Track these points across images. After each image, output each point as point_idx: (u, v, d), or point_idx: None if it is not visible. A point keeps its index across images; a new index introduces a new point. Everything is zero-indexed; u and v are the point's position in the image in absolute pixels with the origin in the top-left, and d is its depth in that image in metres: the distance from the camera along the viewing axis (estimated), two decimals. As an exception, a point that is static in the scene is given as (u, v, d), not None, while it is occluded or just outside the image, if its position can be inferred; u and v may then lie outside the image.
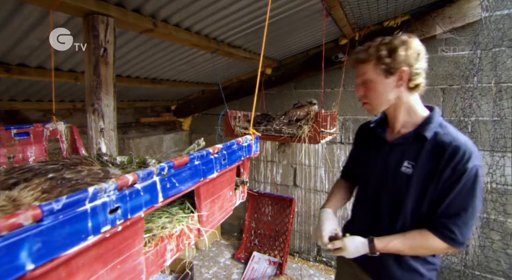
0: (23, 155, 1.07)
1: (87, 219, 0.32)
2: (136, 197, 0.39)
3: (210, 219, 0.63)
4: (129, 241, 0.41)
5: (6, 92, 1.96)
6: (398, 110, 1.01)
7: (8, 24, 1.23)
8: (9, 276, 0.25)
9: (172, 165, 0.45)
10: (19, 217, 0.26)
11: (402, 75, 0.95)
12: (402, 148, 0.98)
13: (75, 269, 0.33)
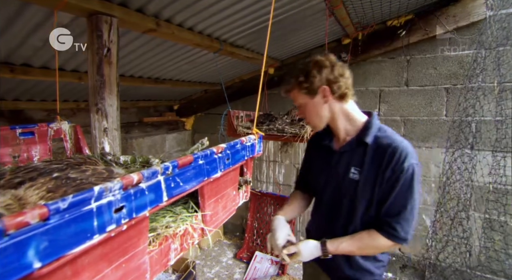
0: (28, 154, 1.08)
1: (92, 218, 0.32)
2: (141, 196, 0.39)
3: (214, 219, 0.63)
4: (134, 240, 0.41)
5: (11, 92, 1.97)
6: (337, 121, 1.07)
7: (13, 25, 1.24)
8: (17, 274, 0.25)
9: (176, 164, 0.45)
10: (26, 215, 0.26)
11: (324, 93, 1.03)
12: (348, 155, 1.04)
13: (80, 267, 0.33)
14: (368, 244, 0.99)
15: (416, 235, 2.49)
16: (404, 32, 2.17)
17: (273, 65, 2.78)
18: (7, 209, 0.51)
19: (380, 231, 0.97)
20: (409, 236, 0.96)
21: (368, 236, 0.99)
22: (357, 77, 2.58)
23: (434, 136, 2.35)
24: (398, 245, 0.99)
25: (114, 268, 0.38)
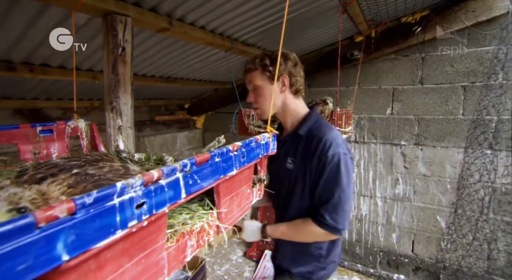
0: (47, 151, 1.11)
1: (115, 213, 0.33)
2: (161, 193, 0.39)
3: (229, 216, 0.63)
4: (153, 236, 0.41)
5: (30, 91, 2.04)
6: (286, 113, 1.13)
7: (34, 26, 1.28)
8: (47, 265, 0.26)
9: (194, 161, 0.45)
10: (55, 209, 0.26)
11: (284, 81, 1.09)
12: (287, 146, 1.11)
13: (103, 261, 0.34)
14: (302, 230, 1.04)
15: (430, 237, 2.44)
16: (419, 28, 2.12)
17: (284, 64, 2.76)
18: (32, 203, 0.52)
19: (313, 218, 1.01)
20: (339, 225, 0.98)
21: (302, 223, 1.04)
22: (370, 75, 2.53)
23: (450, 135, 2.28)
24: (331, 234, 1.01)
25: (135, 263, 0.39)
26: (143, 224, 0.37)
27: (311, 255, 1.11)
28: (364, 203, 2.71)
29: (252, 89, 1.12)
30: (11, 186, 0.60)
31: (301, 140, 1.06)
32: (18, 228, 0.24)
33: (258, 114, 1.15)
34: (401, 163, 2.50)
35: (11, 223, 0.23)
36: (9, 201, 0.52)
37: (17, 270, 0.24)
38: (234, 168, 0.59)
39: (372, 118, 2.60)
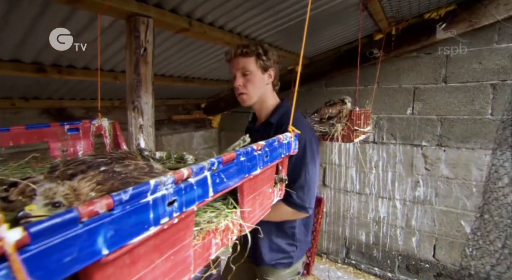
0: (74, 148, 1.16)
1: (149, 210, 0.33)
2: (190, 191, 0.40)
3: (251, 215, 0.63)
4: (181, 233, 0.42)
5: (57, 91, 2.13)
6: (263, 104, 1.22)
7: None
8: (89, 259, 0.27)
9: (221, 160, 0.46)
10: (95, 205, 0.27)
11: (271, 74, 1.19)
12: (260, 133, 1.18)
13: (136, 257, 0.35)
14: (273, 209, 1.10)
15: (453, 242, 2.34)
16: (444, 24, 2.03)
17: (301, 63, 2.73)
18: (66, 198, 0.55)
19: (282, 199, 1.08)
20: (305, 203, 1.07)
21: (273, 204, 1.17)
22: (389, 74, 2.46)
23: (476, 136, 2.18)
24: (299, 213, 1.09)
25: (164, 260, 0.39)
26: (173, 221, 0.37)
27: (285, 234, 1.20)
28: (382, 205, 2.64)
29: (242, 74, 1.16)
30: (45, 181, 0.63)
31: (272, 127, 1.16)
32: (65, 221, 0.24)
33: (244, 100, 1.19)
34: (422, 165, 2.42)
35: (59, 216, 0.24)
36: (45, 196, 0.54)
37: (64, 261, 0.24)
38: (258, 167, 0.59)
39: (392, 118, 2.53)
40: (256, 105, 1.23)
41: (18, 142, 0.99)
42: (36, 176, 0.70)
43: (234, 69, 1.18)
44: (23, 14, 1.16)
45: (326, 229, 2.99)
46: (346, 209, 2.85)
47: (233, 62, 1.18)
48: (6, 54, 1.46)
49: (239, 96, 1.20)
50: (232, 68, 1.20)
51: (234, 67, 1.18)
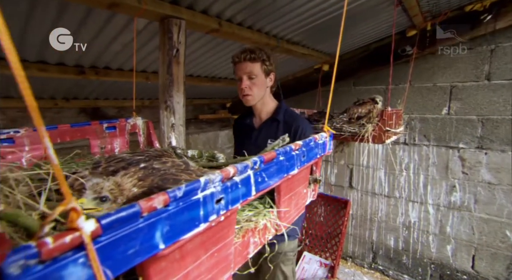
0: (111, 146, 1.22)
1: (199, 207, 0.34)
2: (235, 189, 0.40)
3: (287, 215, 0.63)
4: (225, 231, 0.42)
5: (93, 92, 2.26)
6: (264, 104, 1.37)
7: (102, 33, 1.41)
8: (148, 252, 0.28)
9: (263, 159, 0.46)
10: (154, 201, 0.28)
11: (272, 78, 1.35)
12: (265, 130, 1.34)
13: (185, 252, 0.36)
14: None
15: (496, 254, 2.17)
16: (489, 16, 1.88)
17: (328, 61, 2.68)
18: (111, 193, 0.57)
19: None
20: None
21: None
22: (423, 72, 2.34)
23: (524, 139, 2.00)
24: None
25: (209, 256, 0.40)
26: (220, 219, 0.38)
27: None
28: (413, 209, 2.51)
29: (249, 77, 1.29)
30: (92, 177, 0.66)
31: (279, 124, 1.31)
32: (129, 215, 0.25)
33: (248, 100, 1.32)
34: (458, 168, 2.26)
35: (125, 210, 0.25)
36: (93, 190, 0.57)
37: (128, 253, 0.25)
38: (296, 167, 0.58)
39: (425, 119, 2.40)
40: (258, 105, 1.37)
41: (64, 139, 1.06)
42: (82, 171, 0.74)
43: (241, 72, 1.30)
44: (69, 20, 1.24)
45: (352, 232, 2.91)
46: (373, 212, 2.75)
47: (240, 66, 1.30)
48: (53, 58, 1.57)
49: (244, 97, 1.32)
50: (238, 70, 1.31)
51: (241, 70, 1.29)
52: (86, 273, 0.22)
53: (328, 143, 0.76)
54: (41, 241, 0.20)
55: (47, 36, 1.35)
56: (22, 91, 0.20)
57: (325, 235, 2.91)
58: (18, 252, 0.19)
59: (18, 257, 0.18)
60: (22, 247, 0.19)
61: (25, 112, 2.17)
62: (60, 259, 0.21)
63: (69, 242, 0.21)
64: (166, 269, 0.33)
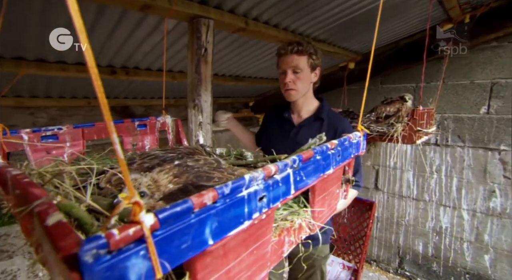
0: (142, 143, 1.26)
1: (244, 204, 0.34)
2: (276, 187, 0.39)
3: (321, 215, 0.62)
4: (264, 229, 0.42)
5: (123, 91, 2.36)
6: (305, 100, 1.31)
7: (133, 34, 1.46)
8: (199, 248, 0.28)
9: (301, 158, 0.45)
10: (204, 197, 0.28)
11: (317, 73, 1.29)
12: (307, 128, 1.27)
13: (228, 249, 0.36)
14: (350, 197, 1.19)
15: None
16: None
17: (354, 59, 2.60)
18: (149, 189, 0.59)
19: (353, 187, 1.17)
20: (362, 184, 1.24)
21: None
22: (459, 68, 2.20)
23: None
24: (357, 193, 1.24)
25: (249, 254, 0.40)
26: (262, 217, 0.38)
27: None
28: (444, 214, 2.38)
29: (293, 71, 1.22)
30: (133, 172, 0.69)
31: (323, 124, 1.25)
32: (183, 210, 0.26)
33: (291, 95, 1.26)
34: (499, 172, 2.11)
35: (179, 205, 0.26)
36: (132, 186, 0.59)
37: (182, 248, 0.26)
38: (331, 167, 0.57)
39: (459, 118, 2.26)
40: (299, 101, 1.30)
41: (100, 136, 1.12)
42: (118, 167, 0.77)
43: (286, 65, 1.23)
44: (105, 23, 1.30)
45: (377, 235, 2.81)
46: (400, 216, 2.64)
47: (285, 58, 1.23)
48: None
49: (286, 91, 1.26)
50: (283, 63, 1.24)
51: (286, 63, 1.23)
52: (146, 265, 0.23)
53: (362, 142, 0.73)
54: (109, 232, 0.21)
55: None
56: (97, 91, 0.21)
57: (349, 237, 2.84)
58: (91, 242, 0.19)
59: (91, 246, 0.19)
60: (94, 237, 0.20)
61: (63, 111, 2.31)
62: (124, 250, 0.21)
63: (132, 234, 0.22)
64: (211, 265, 0.33)
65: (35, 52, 1.45)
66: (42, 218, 0.28)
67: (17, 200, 0.41)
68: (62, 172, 0.59)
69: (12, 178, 0.43)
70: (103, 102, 0.22)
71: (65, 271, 0.21)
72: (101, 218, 0.54)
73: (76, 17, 0.19)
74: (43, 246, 0.31)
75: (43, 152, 0.99)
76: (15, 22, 1.14)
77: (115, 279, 0.21)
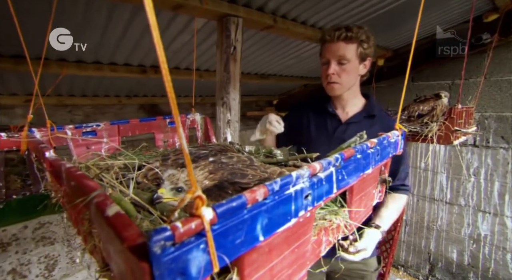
0: (172, 140, 1.30)
1: (291, 202, 0.33)
2: (320, 186, 0.39)
3: (357, 216, 0.60)
4: (305, 227, 0.42)
5: (151, 89, 2.44)
6: (352, 94, 1.14)
7: (164, 34, 1.51)
8: (250, 244, 0.28)
9: (344, 156, 0.44)
10: (256, 193, 0.28)
11: (367, 64, 1.09)
12: (356, 125, 1.11)
13: (272, 246, 0.36)
14: (399, 204, 1.10)
15: None
16: None
17: (383, 56, 2.50)
18: (186, 184, 0.61)
19: (398, 191, 1.10)
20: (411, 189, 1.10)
21: (394, 199, 1.08)
22: (504, 63, 2.03)
23: None
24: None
25: (291, 251, 0.40)
26: (306, 215, 0.37)
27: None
28: (483, 220, 2.22)
29: (339, 62, 1.04)
30: (165, 168, 0.71)
31: (376, 122, 1.11)
32: (238, 205, 0.26)
33: (334, 89, 1.09)
34: (546, 176, 1.93)
35: (234, 200, 0.26)
36: (171, 181, 0.61)
37: (236, 243, 0.26)
38: (371, 166, 0.55)
39: (503, 117, 2.09)
40: (344, 96, 1.13)
41: (134, 132, 1.17)
42: (154, 163, 0.80)
43: (330, 54, 1.05)
44: (139, 23, 1.35)
45: (405, 239, 2.69)
46: (431, 220, 2.50)
47: (330, 46, 1.04)
48: (121, 59, 1.73)
49: (328, 84, 1.09)
50: (326, 52, 1.06)
51: (331, 52, 1.04)
52: (205, 259, 0.23)
53: (400, 142, 0.70)
54: (174, 225, 0.21)
55: (120, 40, 1.50)
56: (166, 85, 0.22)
57: (375, 240, 2.74)
58: (159, 233, 0.20)
59: (160, 238, 0.20)
60: (161, 229, 0.20)
61: (96, 108, 2.44)
62: (186, 243, 0.22)
63: (194, 228, 0.22)
64: (257, 261, 0.33)
65: (75, 54, 1.54)
66: (101, 209, 0.30)
67: (72, 191, 0.43)
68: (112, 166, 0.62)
69: (66, 171, 0.46)
70: (172, 97, 0.23)
71: (132, 261, 0.22)
72: (141, 211, 0.56)
73: (154, 31, 0.20)
74: (101, 235, 0.33)
75: (84, 147, 1.05)
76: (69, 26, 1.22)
77: (178, 271, 0.21)
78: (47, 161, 0.62)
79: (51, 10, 0.81)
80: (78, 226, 0.56)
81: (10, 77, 1.63)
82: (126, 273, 0.24)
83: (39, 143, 0.70)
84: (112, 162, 0.67)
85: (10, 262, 1.60)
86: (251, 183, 0.60)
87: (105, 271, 0.44)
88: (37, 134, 0.94)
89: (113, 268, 0.31)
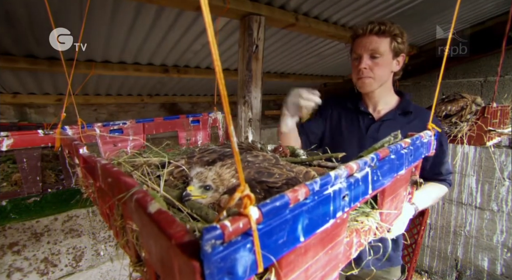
0: (195, 138, 1.32)
1: (330, 202, 0.33)
2: (357, 186, 0.38)
3: (387, 218, 0.58)
4: (339, 229, 0.40)
5: (172, 88, 2.49)
6: (384, 91, 1.09)
7: (186, 35, 1.53)
8: (292, 244, 0.28)
9: (379, 157, 0.42)
10: (298, 192, 0.28)
11: (400, 61, 1.05)
12: (390, 123, 1.06)
13: (308, 247, 0.35)
14: (438, 192, 1.07)
15: None
16: None
17: (408, 53, 2.40)
18: (213, 182, 0.61)
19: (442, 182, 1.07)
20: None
21: (433, 185, 1.06)
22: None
23: None
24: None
25: (325, 253, 0.39)
26: (343, 216, 0.36)
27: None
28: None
29: (371, 56, 1.00)
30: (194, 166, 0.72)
31: (411, 116, 1.07)
32: (282, 205, 0.26)
33: (365, 84, 1.04)
34: None
35: (278, 200, 0.26)
36: (199, 179, 0.62)
37: (278, 243, 0.26)
38: (404, 167, 0.53)
39: (539, 117, 1.95)
40: (377, 92, 1.08)
41: (158, 130, 1.20)
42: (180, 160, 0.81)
43: (362, 49, 1.01)
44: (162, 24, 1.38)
45: (430, 243, 2.59)
46: (459, 225, 2.39)
47: (362, 40, 1.01)
48: (144, 59, 1.78)
49: (359, 79, 1.04)
50: (358, 46, 1.02)
51: (363, 46, 1.01)
52: (251, 258, 0.23)
53: (433, 142, 0.67)
54: (223, 224, 0.21)
55: (144, 41, 1.54)
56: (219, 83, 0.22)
57: (397, 243, 2.66)
58: (210, 232, 0.20)
59: (210, 237, 0.20)
60: (211, 228, 0.20)
61: (119, 107, 2.52)
62: (233, 242, 0.22)
63: (242, 227, 0.22)
64: (293, 262, 0.33)
65: (102, 54, 1.60)
66: (143, 205, 0.30)
67: (109, 187, 0.45)
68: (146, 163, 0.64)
69: (102, 167, 0.47)
70: (224, 94, 0.23)
71: (180, 258, 0.22)
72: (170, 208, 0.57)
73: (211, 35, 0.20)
74: (141, 231, 0.34)
75: (111, 144, 1.09)
76: (94, 27, 1.27)
77: (226, 271, 0.21)
78: (81, 157, 0.65)
79: (81, 15, 0.84)
80: (110, 221, 0.58)
81: (44, 78, 1.72)
82: (171, 269, 0.24)
83: (73, 141, 0.73)
84: (147, 159, 0.69)
85: (43, 251, 1.69)
86: (278, 182, 0.60)
87: (139, 266, 0.46)
88: (69, 131, 0.98)
89: (153, 264, 0.32)
